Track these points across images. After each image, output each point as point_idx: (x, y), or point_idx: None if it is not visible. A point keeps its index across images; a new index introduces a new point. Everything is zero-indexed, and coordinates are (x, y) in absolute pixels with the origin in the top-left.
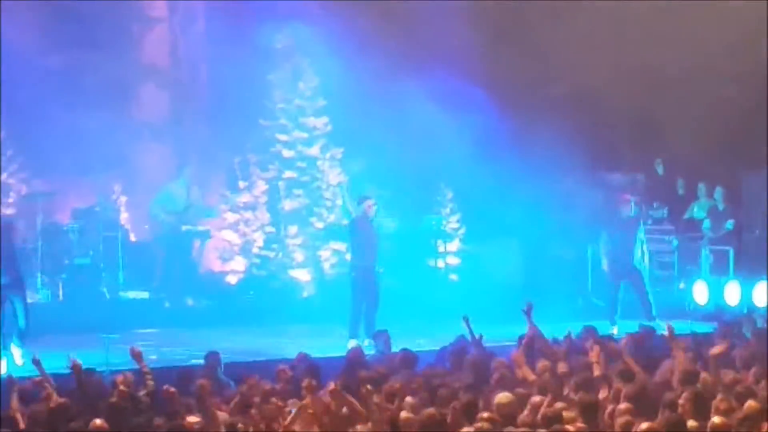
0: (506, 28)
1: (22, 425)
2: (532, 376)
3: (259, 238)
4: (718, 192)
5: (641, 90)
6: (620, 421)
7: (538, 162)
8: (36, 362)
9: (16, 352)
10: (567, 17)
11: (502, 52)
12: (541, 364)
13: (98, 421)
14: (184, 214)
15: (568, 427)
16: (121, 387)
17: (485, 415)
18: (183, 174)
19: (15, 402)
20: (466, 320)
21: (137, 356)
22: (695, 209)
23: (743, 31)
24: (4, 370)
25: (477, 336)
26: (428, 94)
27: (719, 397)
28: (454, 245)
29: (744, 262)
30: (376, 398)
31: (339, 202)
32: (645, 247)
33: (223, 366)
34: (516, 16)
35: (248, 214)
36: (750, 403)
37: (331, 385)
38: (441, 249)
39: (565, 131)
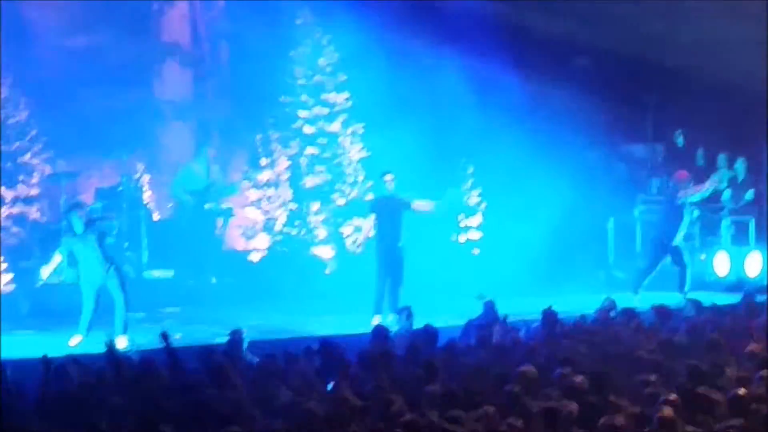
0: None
1: None
2: None
3: (281, 215)
4: (740, 162)
5: (663, 59)
6: None
7: (559, 135)
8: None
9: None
10: None
11: (525, 24)
12: None
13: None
14: (205, 193)
15: None
16: None
17: None
18: (202, 153)
19: None
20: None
21: (165, 338)
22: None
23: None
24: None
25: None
26: (449, 68)
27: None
28: (475, 219)
29: (765, 232)
30: None
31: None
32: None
33: (247, 343)
34: None
35: (271, 191)
36: None
37: None
38: (463, 224)
39: (586, 104)
